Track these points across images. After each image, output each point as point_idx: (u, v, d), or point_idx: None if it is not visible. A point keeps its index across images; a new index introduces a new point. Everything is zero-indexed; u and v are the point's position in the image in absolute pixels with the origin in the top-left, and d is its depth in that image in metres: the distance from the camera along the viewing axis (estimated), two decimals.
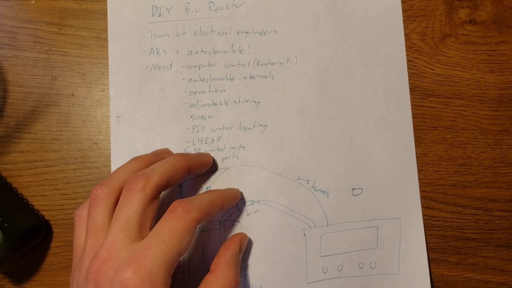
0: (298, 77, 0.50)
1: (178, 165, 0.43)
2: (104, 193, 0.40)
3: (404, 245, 0.50)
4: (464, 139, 0.52)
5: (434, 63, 0.52)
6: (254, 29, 0.50)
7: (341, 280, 0.50)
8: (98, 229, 0.39)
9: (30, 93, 0.50)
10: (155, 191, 0.39)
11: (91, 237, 0.39)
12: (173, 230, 0.37)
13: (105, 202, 0.40)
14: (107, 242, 0.37)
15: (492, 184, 0.52)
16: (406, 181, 0.51)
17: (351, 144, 0.50)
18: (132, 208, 0.38)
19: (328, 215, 0.50)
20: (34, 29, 0.51)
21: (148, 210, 0.39)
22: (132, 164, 0.43)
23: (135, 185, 0.39)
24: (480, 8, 0.53)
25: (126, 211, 0.38)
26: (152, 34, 0.50)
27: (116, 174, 0.42)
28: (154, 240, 0.36)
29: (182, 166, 0.43)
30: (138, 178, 0.39)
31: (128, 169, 0.43)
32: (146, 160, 0.44)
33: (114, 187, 0.41)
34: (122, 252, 0.36)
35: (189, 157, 0.45)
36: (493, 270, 0.52)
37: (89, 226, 0.39)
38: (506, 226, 0.52)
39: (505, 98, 0.52)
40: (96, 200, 0.40)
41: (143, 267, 0.35)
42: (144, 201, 0.38)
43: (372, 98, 0.51)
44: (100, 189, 0.40)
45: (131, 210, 0.38)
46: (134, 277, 0.34)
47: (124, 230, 0.37)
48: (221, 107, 0.50)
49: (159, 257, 0.36)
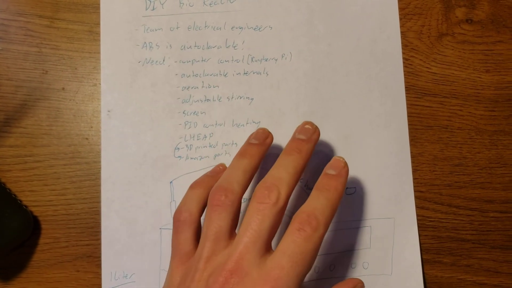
0: (292, 74, 0.50)
1: (299, 166, 0.40)
2: (230, 200, 0.38)
3: (398, 246, 0.50)
4: (460, 139, 0.52)
5: (430, 62, 0.52)
6: (248, 24, 0.50)
7: (334, 280, 0.49)
8: (221, 237, 0.38)
9: (20, 87, 0.50)
10: (286, 204, 0.38)
11: (211, 244, 0.37)
12: (304, 251, 0.35)
13: (230, 209, 0.38)
14: (236, 254, 0.36)
15: (487, 185, 0.52)
16: (401, 180, 0.50)
17: (346, 142, 0.50)
18: (265, 222, 0.36)
19: None
20: (25, 22, 0.50)
21: (278, 223, 0.38)
22: (246, 163, 0.42)
23: (268, 199, 0.37)
24: (477, 7, 0.53)
25: (259, 224, 0.36)
26: (145, 28, 0.49)
27: (234, 176, 0.40)
28: (286, 261, 0.35)
29: (303, 164, 0.41)
30: (270, 191, 0.37)
31: (244, 169, 0.41)
32: (255, 155, 0.42)
33: (238, 193, 0.39)
34: (253, 268, 0.35)
35: (305, 149, 0.41)
36: (487, 271, 0.52)
37: (210, 232, 0.38)
38: (501, 227, 0.52)
39: (501, 98, 0.52)
40: (221, 206, 0.38)
41: (278, 286, 0.34)
42: (277, 215, 0.37)
43: (368, 96, 0.51)
44: (224, 195, 0.39)
45: (265, 224, 0.36)
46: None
47: (255, 243, 0.36)
48: (214, 103, 0.49)
49: (292, 278, 0.34)
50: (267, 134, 0.45)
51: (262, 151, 0.43)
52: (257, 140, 0.44)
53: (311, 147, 0.42)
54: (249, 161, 0.41)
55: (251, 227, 0.36)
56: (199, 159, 0.49)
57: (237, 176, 0.40)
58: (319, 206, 0.38)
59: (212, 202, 0.39)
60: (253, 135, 0.45)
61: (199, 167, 0.49)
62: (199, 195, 0.42)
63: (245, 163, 0.41)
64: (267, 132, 0.45)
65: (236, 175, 0.40)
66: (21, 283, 0.49)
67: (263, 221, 0.36)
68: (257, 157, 0.42)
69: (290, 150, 0.41)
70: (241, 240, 0.36)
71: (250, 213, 0.37)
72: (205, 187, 0.43)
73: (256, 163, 0.42)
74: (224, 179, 0.40)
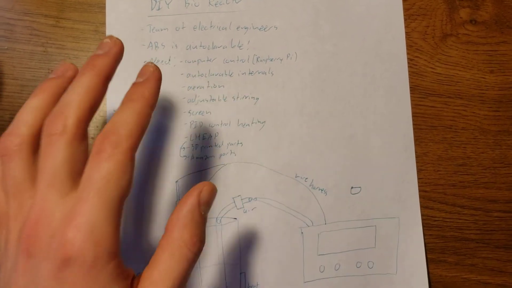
0: (297, 74, 0.50)
1: (94, 84, 0.34)
2: (15, 144, 0.33)
3: (402, 245, 0.50)
4: (464, 139, 0.52)
5: (434, 62, 0.52)
6: (254, 24, 0.50)
7: (339, 279, 0.49)
8: (20, 188, 0.32)
9: (26, 86, 0.50)
10: (80, 128, 0.32)
11: (14, 199, 0.32)
12: (106, 173, 0.30)
13: (19, 155, 0.33)
14: (36, 203, 0.31)
15: (491, 185, 0.52)
16: (405, 180, 0.51)
17: (351, 142, 0.50)
18: (58, 157, 0.31)
19: (326, 213, 0.49)
20: (31, 22, 0.50)
21: (77, 154, 0.32)
22: (37, 100, 0.35)
23: (54, 129, 0.31)
24: (481, 8, 0.53)
25: (51, 162, 0.31)
26: (150, 28, 0.49)
27: (21, 118, 0.34)
28: (87, 191, 0.30)
29: (99, 82, 0.34)
30: (55, 119, 0.32)
31: (34, 106, 0.34)
32: (51, 89, 0.36)
33: (24, 135, 0.33)
34: (55, 211, 0.30)
35: (99, 64, 0.35)
36: (491, 271, 0.52)
37: (8, 187, 0.33)
38: (505, 227, 0.52)
39: (505, 99, 0.52)
40: (7, 155, 0.33)
41: (83, 225, 0.29)
42: (70, 145, 0.31)
43: (372, 96, 0.51)
44: (9, 141, 0.33)
45: (57, 159, 0.31)
46: (76, 237, 0.29)
47: (53, 185, 0.31)
48: (220, 102, 0.49)
49: (99, 208, 0.30)
50: (68, 66, 0.38)
51: (60, 84, 0.36)
52: (55, 74, 0.37)
53: (110, 62, 0.36)
54: (40, 97, 0.35)
55: (44, 168, 0.31)
56: (205, 159, 0.49)
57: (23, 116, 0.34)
58: (120, 120, 0.33)
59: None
60: (52, 71, 0.38)
61: (204, 166, 0.49)
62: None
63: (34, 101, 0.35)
64: (69, 64, 0.38)
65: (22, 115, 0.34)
66: None
67: (55, 156, 0.31)
68: (53, 91, 0.36)
69: (82, 70, 0.35)
70: (38, 186, 0.31)
71: (41, 153, 0.32)
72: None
73: (50, 99, 0.35)
74: (10, 125, 0.34)
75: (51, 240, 0.30)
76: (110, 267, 0.30)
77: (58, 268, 0.29)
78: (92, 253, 0.29)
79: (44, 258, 0.30)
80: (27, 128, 0.33)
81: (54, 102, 0.34)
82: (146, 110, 0.34)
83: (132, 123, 0.32)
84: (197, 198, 0.35)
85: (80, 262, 0.29)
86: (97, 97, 0.34)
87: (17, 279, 0.30)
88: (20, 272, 0.30)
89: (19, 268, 0.30)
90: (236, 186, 0.49)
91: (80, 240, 0.29)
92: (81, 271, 0.29)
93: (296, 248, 0.49)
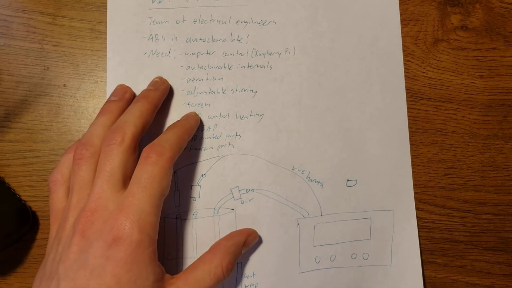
0: (295, 68, 0.51)
1: (146, 110, 0.44)
2: (90, 152, 0.42)
3: (397, 237, 0.51)
4: (454, 142, 0.53)
5: (426, 67, 0.53)
6: (253, 19, 0.51)
7: (334, 270, 0.50)
8: (84, 186, 0.41)
9: (21, 83, 0.50)
10: (134, 142, 0.42)
11: (76, 194, 0.41)
12: (151, 175, 0.40)
13: (90, 160, 0.41)
14: (94, 195, 0.39)
15: (480, 188, 0.53)
16: (400, 173, 0.51)
17: (347, 135, 0.51)
18: (115, 161, 0.40)
19: (322, 205, 0.50)
20: (28, 19, 0.51)
21: (130, 161, 0.41)
22: (104, 118, 0.44)
23: (114, 140, 0.41)
24: (472, 15, 0.54)
25: (109, 164, 0.40)
26: (151, 20, 0.50)
27: (93, 131, 0.43)
28: (136, 187, 0.39)
29: (150, 108, 0.45)
30: (115, 133, 0.41)
31: (103, 124, 0.44)
32: (115, 110, 0.45)
33: (97, 145, 0.42)
34: (109, 202, 0.39)
35: (151, 95, 0.46)
36: (479, 273, 0.53)
37: (75, 184, 0.41)
38: (493, 229, 0.53)
39: (494, 104, 0.53)
40: (82, 159, 0.41)
41: (132, 213, 0.38)
42: (125, 153, 0.41)
43: (369, 90, 0.52)
44: (84, 149, 0.42)
45: (114, 163, 0.40)
46: (125, 223, 0.37)
47: (109, 182, 0.39)
48: (218, 95, 0.50)
49: (145, 202, 0.38)
50: (125, 89, 0.48)
51: (121, 106, 0.46)
52: (116, 96, 0.47)
53: (159, 94, 0.47)
54: (107, 117, 0.44)
55: (103, 169, 0.40)
56: (203, 150, 0.49)
57: (95, 131, 0.43)
58: (164, 137, 0.43)
59: (74, 157, 0.42)
60: (112, 93, 0.48)
61: (202, 157, 0.49)
62: (71, 158, 0.44)
63: (103, 119, 0.44)
64: (125, 87, 0.48)
65: (95, 130, 0.43)
66: (17, 278, 0.49)
67: (113, 160, 0.40)
68: (116, 112, 0.45)
69: (137, 98, 0.46)
70: (96, 182, 0.40)
71: (101, 157, 0.41)
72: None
73: (114, 118, 0.45)
74: (84, 136, 0.43)
75: (104, 224, 0.38)
76: (150, 250, 0.38)
77: (108, 246, 0.37)
78: (138, 236, 0.37)
79: (96, 238, 0.37)
80: (98, 140, 0.42)
81: (115, 120, 0.44)
82: (184, 136, 0.45)
83: (173, 140, 0.43)
84: (245, 238, 0.46)
85: (128, 242, 0.37)
86: (148, 119, 0.44)
87: (68, 255, 0.37)
88: (72, 249, 0.37)
89: (72, 246, 0.38)
90: (233, 177, 0.49)
91: (129, 224, 0.37)
92: (127, 250, 0.37)
93: (293, 239, 0.49)
